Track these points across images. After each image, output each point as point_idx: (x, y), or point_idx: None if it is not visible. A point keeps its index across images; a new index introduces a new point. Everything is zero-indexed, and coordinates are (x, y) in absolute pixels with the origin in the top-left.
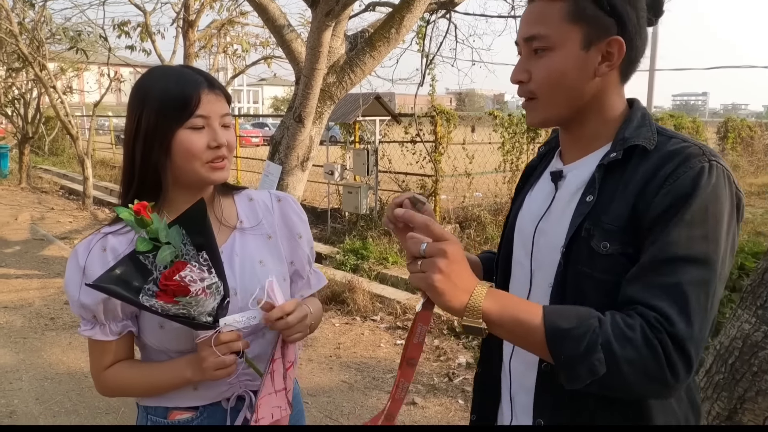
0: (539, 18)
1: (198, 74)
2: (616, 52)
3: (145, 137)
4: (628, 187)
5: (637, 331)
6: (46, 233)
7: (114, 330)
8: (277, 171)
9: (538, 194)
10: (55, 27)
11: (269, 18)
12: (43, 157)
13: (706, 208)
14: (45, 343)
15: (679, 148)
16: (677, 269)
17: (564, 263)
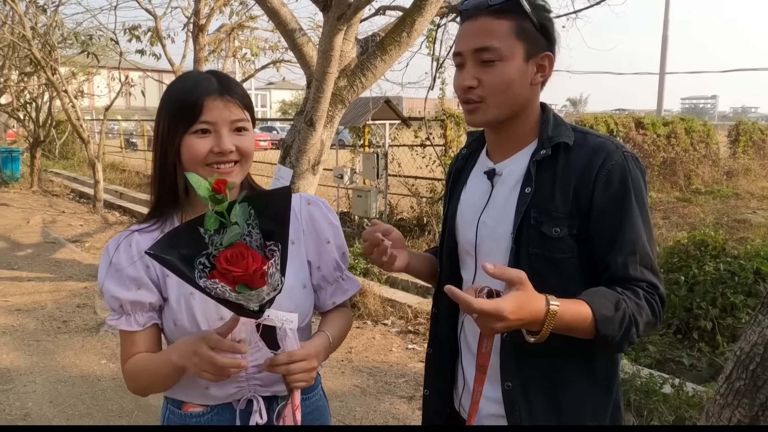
0: (489, 33)
1: (212, 80)
2: (548, 65)
3: (161, 143)
4: (566, 180)
5: (642, 300)
6: (58, 236)
7: (139, 321)
8: (288, 175)
9: (475, 191)
10: (67, 31)
11: (280, 22)
12: (54, 160)
13: (635, 193)
14: (58, 346)
15: (599, 143)
16: (643, 245)
17: (516, 247)
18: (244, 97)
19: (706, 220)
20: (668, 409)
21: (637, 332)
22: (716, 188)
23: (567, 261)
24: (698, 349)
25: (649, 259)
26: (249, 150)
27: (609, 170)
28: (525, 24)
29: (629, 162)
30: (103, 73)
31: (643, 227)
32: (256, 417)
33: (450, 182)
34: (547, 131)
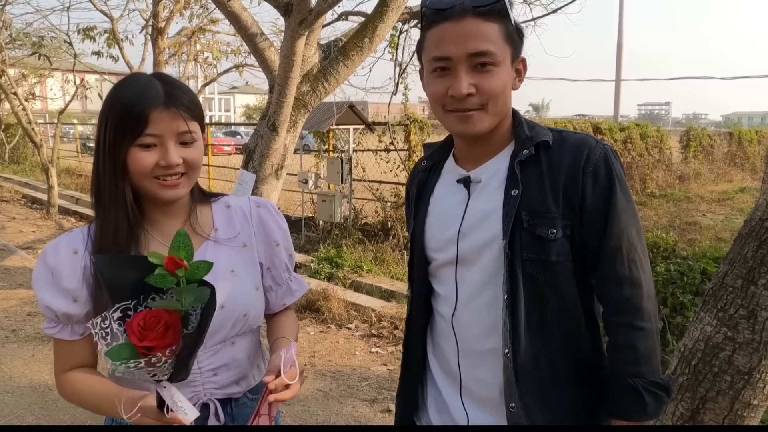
0: (482, 36)
1: (159, 89)
2: (523, 68)
3: (105, 151)
4: (554, 178)
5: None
6: (7, 243)
7: (77, 331)
8: (251, 179)
9: (448, 202)
10: (15, 32)
11: (242, 26)
12: (4, 165)
13: (620, 186)
14: (5, 355)
15: (579, 139)
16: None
17: (510, 253)
18: (191, 106)
19: (660, 223)
20: None
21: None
22: (669, 192)
23: (562, 265)
24: None
25: (635, 251)
26: (196, 162)
27: (595, 164)
28: (509, 26)
29: (610, 155)
30: (57, 75)
31: (630, 220)
32: (212, 420)
33: (414, 198)
34: (524, 132)
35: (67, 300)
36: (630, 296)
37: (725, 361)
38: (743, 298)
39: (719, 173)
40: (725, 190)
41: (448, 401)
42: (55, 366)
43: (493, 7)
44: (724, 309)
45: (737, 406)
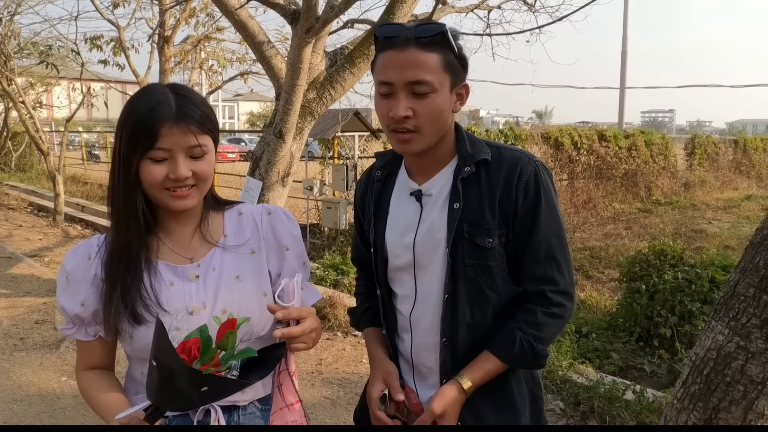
0: (421, 65)
1: (171, 103)
2: (465, 93)
3: (120, 162)
4: (491, 193)
5: (539, 315)
6: (15, 251)
7: (89, 332)
8: (258, 186)
9: (403, 213)
10: (24, 41)
11: (249, 34)
12: (10, 173)
13: (546, 198)
14: (14, 364)
15: (514, 157)
16: (548, 245)
17: (452, 260)
18: (203, 119)
19: (665, 230)
20: (630, 415)
21: (544, 344)
22: (675, 199)
23: (499, 267)
24: (658, 356)
25: (553, 257)
26: (206, 174)
27: (526, 181)
28: (449, 56)
29: (540, 171)
30: (63, 83)
31: (552, 227)
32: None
33: (371, 206)
34: (466, 149)
35: (76, 303)
36: (544, 291)
37: (738, 370)
38: (755, 307)
39: (725, 181)
40: (731, 198)
41: (406, 380)
42: (77, 364)
43: (434, 38)
44: (736, 318)
45: (751, 416)
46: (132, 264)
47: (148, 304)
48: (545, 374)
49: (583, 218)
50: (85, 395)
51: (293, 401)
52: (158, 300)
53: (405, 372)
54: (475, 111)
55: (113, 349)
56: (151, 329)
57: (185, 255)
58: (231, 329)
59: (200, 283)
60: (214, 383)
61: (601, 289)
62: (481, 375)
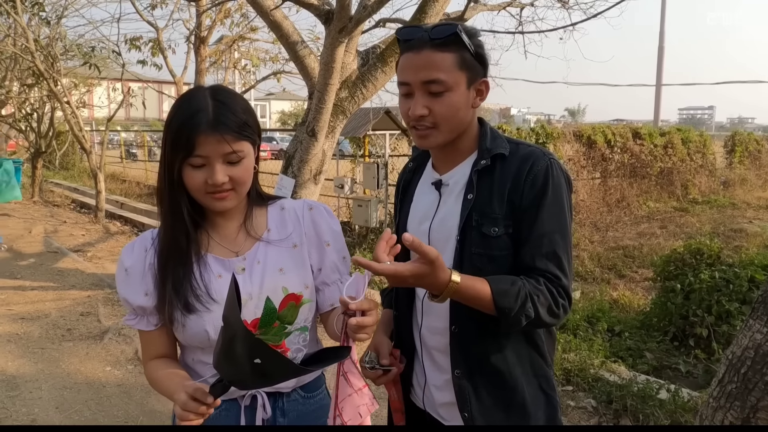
0: (435, 65)
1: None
2: (485, 89)
3: (165, 166)
4: (502, 185)
5: (542, 286)
6: (60, 246)
7: (151, 322)
8: (290, 184)
9: (424, 201)
10: (69, 43)
11: (283, 35)
12: (54, 171)
13: (554, 194)
14: (62, 353)
15: (529, 152)
16: (551, 240)
17: (460, 247)
18: (240, 126)
19: (703, 230)
20: (664, 414)
21: (534, 308)
22: (713, 198)
23: (504, 258)
24: (694, 356)
25: (556, 253)
26: (242, 179)
27: (535, 173)
28: (465, 55)
29: (553, 167)
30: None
31: (555, 224)
32: (260, 412)
33: (400, 194)
34: (486, 143)
35: (140, 294)
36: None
37: None
38: None
39: (767, 179)
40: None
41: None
42: (143, 355)
43: (447, 39)
44: None
45: None
46: (182, 257)
47: (199, 295)
48: (576, 372)
49: (616, 217)
50: (152, 380)
51: (361, 386)
52: (208, 291)
53: (417, 353)
54: (506, 109)
55: (174, 338)
56: (201, 318)
57: (231, 249)
58: (295, 302)
59: (246, 275)
60: (267, 356)
61: (634, 288)
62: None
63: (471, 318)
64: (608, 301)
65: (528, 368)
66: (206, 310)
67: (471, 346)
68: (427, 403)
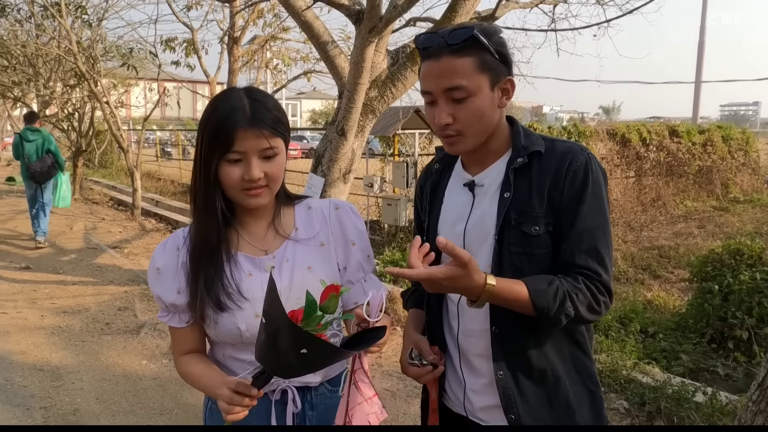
0: (455, 72)
1: (246, 109)
2: (510, 87)
3: (200, 163)
4: (541, 182)
5: (581, 284)
6: (99, 242)
7: (183, 319)
8: (320, 183)
9: (456, 202)
10: (109, 45)
11: (314, 35)
12: (94, 169)
13: (594, 189)
14: (102, 346)
15: (567, 148)
16: (591, 236)
17: (498, 247)
18: (275, 123)
19: (744, 230)
20: (701, 417)
21: (573, 307)
22: (756, 197)
23: (544, 256)
24: (734, 359)
25: (596, 249)
26: (276, 175)
27: (575, 169)
28: (485, 57)
29: (592, 162)
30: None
31: (595, 219)
32: (291, 406)
33: (428, 196)
34: (520, 141)
35: (173, 292)
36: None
37: None
38: None
39: None
40: None
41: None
42: (174, 350)
43: (465, 43)
44: None
45: None
46: (214, 255)
47: (230, 293)
48: (608, 373)
49: (651, 216)
50: (186, 375)
51: (371, 395)
52: (239, 289)
53: (453, 358)
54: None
55: (204, 334)
56: (233, 316)
57: (261, 247)
58: (333, 292)
59: (276, 273)
60: (313, 346)
61: (670, 289)
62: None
63: (511, 318)
64: (642, 301)
65: (571, 365)
66: (237, 307)
67: (513, 346)
68: (468, 408)
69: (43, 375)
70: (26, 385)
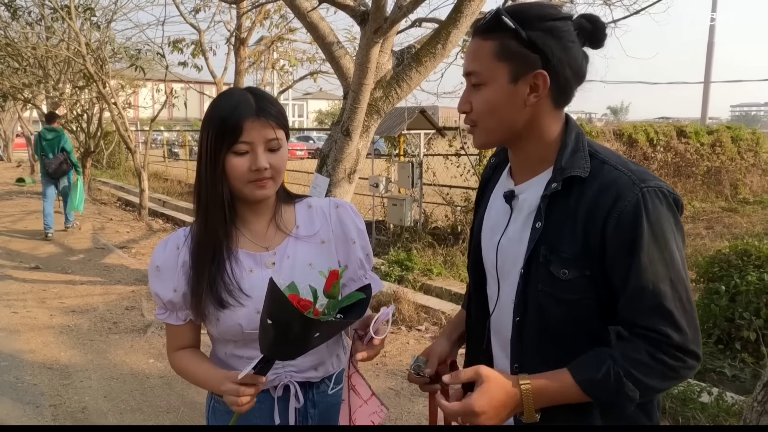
0: (475, 56)
1: (251, 101)
2: (542, 83)
3: (207, 158)
4: (576, 218)
5: (643, 352)
6: (107, 242)
7: (180, 317)
8: (325, 183)
9: (495, 211)
10: (117, 46)
11: (319, 36)
12: (102, 170)
13: (653, 234)
14: (110, 345)
15: (613, 179)
16: (655, 292)
17: (523, 284)
18: (278, 115)
19: (753, 231)
20: (706, 417)
21: (638, 387)
22: (766, 198)
23: (580, 302)
24: (741, 359)
25: (662, 307)
26: (281, 166)
27: (620, 213)
28: (509, 43)
29: (647, 200)
30: (148, 85)
31: (659, 270)
32: (293, 401)
33: (479, 193)
34: (562, 160)
35: (169, 290)
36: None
37: None
38: None
39: None
40: None
41: None
42: (167, 345)
43: (489, 24)
44: None
45: None
46: (216, 253)
47: (231, 290)
48: None
49: None
50: (182, 370)
51: (368, 396)
52: (240, 286)
53: None
54: None
55: (199, 331)
56: (234, 313)
57: (261, 244)
58: (335, 280)
59: (276, 269)
60: (324, 328)
61: None
62: (546, 382)
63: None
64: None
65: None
66: (239, 304)
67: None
68: None
69: (52, 373)
70: (36, 383)
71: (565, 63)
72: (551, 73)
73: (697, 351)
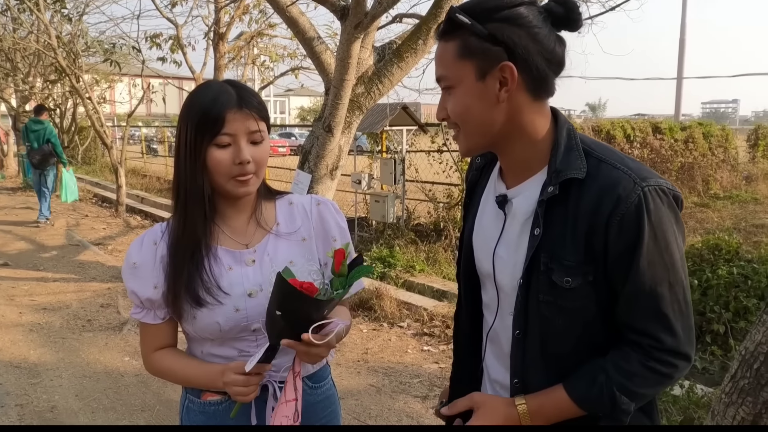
0: (440, 60)
1: (232, 92)
2: (509, 76)
3: (185, 151)
4: (576, 223)
5: (635, 363)
6: (82, 239)
7: (158, 315)
8: (307, 179)
9: (488, 216)
10: (90, 40)
11: (299, 30)
12: (77, 166)
13: (654, 236)
14: (83, 343)
15: (614, 179)
16: (652, 295)
17: (523, 293)
18: (260, 108)
19: (723, 225)
20: (677, 410)
21: (632, 399)
22: (735, 193)
23: (583, 309)
24: (710, 352)
25: (659, 311)
26: (263, 160)
27: (623, 214)
28: (469, 40)
29: (648, 199)
30: (125, 80)
31: (657, 273)
32: (271, 401)
33: (466, 198)
34: (556, 161)
35: (149, 287)
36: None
37: None
38: None
39: None
40: None
41: None
42: (143, 347)
43: (446, 26)
44: None
45: None
46: (195, 249)
47: (210, 288)
48: None
49: None
50: (165, 370)
51: (290, 398)
52: (218, 284)
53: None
54: None
55: (177, 329)
56: (212, 311)
57: (241, 241)
58: (343, 258)
59: (256, 267)
60: (333, 304)
61: None
62: (542, 401)
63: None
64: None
65: None
66: (217, 303)
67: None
68: None
69: (20, 372)
70: (1, 382)
71: (532, 51)
72: (518, 63)
73: (689, 352)
